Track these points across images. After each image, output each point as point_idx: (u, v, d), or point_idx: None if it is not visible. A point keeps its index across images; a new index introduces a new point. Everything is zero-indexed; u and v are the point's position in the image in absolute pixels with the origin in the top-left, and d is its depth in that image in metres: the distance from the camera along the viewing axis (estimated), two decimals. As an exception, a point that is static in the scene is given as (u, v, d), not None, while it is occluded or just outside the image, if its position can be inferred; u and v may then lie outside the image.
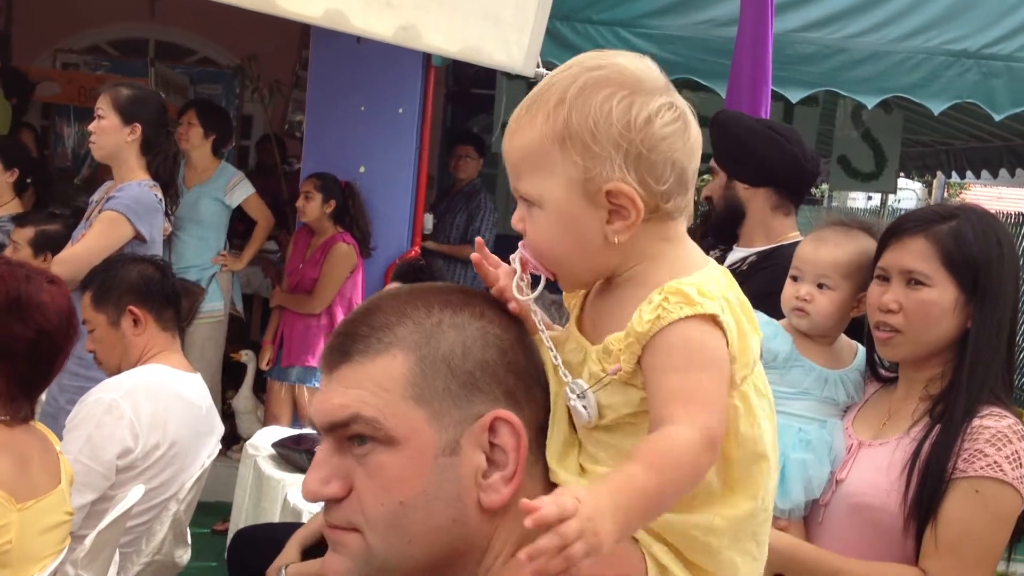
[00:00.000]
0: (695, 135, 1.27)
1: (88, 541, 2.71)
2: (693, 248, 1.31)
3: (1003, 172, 8.94)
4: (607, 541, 1.08)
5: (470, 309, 1.27)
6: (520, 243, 1.30)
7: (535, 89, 1.27)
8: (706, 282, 1.24)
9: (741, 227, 3.28)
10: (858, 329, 2.36)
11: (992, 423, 2.04)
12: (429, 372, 1.21)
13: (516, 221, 1.29)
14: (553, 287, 1.36)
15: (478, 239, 1.48)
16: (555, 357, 1.30)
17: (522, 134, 1.26)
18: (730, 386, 1.23)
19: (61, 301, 2.57)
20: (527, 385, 1.27)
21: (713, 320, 1.21)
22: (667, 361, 1.20)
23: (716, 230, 3.41)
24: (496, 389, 1.23)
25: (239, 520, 4.19)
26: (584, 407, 1.26)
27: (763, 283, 2.81)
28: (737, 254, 3.29)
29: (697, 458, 1.18)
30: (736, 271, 3.14)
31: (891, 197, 14.70)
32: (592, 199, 1.23)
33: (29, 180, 5.58)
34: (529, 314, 1.32)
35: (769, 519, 1.31)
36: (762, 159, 3.17)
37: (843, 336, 2.38)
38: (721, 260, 3.26)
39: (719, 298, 1.23)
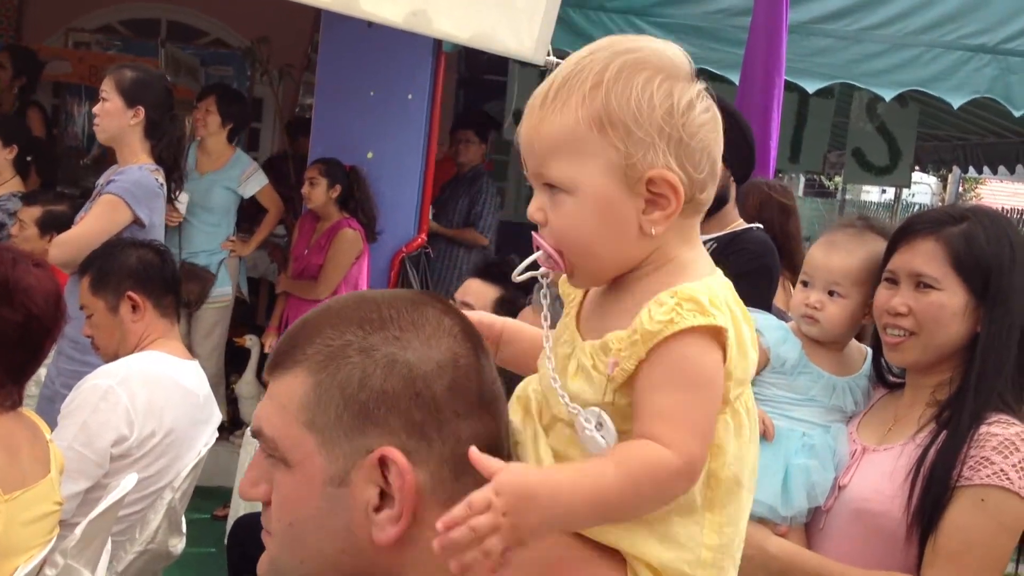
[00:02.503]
0: (721, 125, 1.24)
1: (79, 530, 2.67)
2: (706, 255, 1.27)
3: (1020, 168, 8.88)
4: (531, 534, 1.06)
5: (385, 332, 1.17)
6: (535, 233, 1.23)
7: (559, 73, 1.21)
8: (716, 291, 1.19)
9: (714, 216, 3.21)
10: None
11: (1000, 430, 1.99)
12: (324, 398, 1.16)
13: (534, 211, 1.22)
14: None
15: None
16: (554, 380, 1.24)
17: (552, 119, 1.18)
18: (723, 402, 1.19)
19: (48, 284, 2.53)
20: (442, 419, 1.16)
21: (718, 335, 1.16)
22: (663, 375, 1.14)
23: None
24: (395, 422, 1.15)
25: (239, 506, 4.17)
26: (602, 436, 1.18)
27: (732, 267, 2.78)
28: None
29: (671, 482, 1.14)
30: None
31: (905, 191, 14.58)
32: (632, 187, 1.17)
33: (29, 158, 5.54)
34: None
35: (743, 540, 1.26)
36: (749, 151, 3.17)
37: (853, 340, 2.32)
38: None
39: (727, 311, 1.17)
